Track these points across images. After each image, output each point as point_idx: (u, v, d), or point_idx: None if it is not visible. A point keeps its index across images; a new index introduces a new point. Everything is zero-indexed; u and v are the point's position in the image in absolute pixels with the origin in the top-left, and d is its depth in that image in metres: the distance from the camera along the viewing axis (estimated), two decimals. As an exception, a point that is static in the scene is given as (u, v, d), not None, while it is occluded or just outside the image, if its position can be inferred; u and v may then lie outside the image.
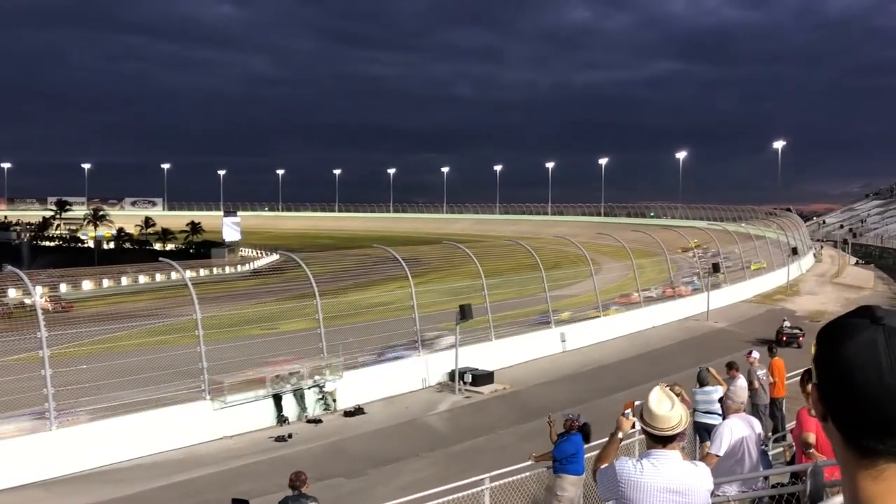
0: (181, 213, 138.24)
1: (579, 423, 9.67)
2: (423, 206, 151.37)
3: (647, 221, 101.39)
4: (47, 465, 13.18)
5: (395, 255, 21.06)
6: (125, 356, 20.26)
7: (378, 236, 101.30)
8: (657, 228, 46.46)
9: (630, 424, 4.58)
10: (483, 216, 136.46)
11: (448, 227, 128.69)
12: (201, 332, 15.65)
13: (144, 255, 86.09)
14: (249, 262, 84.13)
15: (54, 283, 37.17)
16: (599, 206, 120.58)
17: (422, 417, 17.12)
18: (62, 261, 76.66)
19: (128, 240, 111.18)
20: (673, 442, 3.86)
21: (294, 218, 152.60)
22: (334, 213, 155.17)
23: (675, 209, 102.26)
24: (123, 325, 29.30)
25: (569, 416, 9.79)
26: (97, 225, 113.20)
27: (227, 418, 15.56)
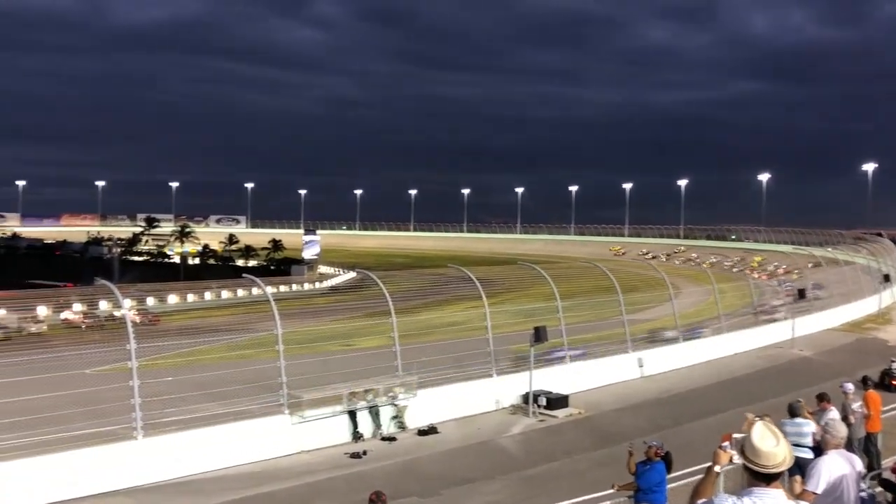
0: (263, 231, 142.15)
1: (662, 451, 9.42)
2: (497, 227, 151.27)
3: (729, 245, 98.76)
4: (133, 473, 13.63)
5: (469, 274, 21.09)
6: (208, 369, 20.89)
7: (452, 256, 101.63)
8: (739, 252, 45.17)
9: (728, 458, 4.41)
10: (557, 237, 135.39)
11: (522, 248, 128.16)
12: (281, 347, 15.97)
13: (228, 271, 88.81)
14: (327, 280, 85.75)
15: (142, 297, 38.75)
16: (678, 229, 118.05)
17: (495, 439, 17.01)
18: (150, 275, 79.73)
19: (212, 256, 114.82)
20: (777, 479, 3.73)
21: (370, 237, 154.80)
22: (409, 233, 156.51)
23: (757, 232, 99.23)
24: (206, 338, 30.32)
25: (652, 443, 9.54)
26: (183, 241, 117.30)
27: (305, 433, 15.80)
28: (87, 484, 13.05)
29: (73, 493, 12.87)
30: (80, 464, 13.17)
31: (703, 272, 30.21)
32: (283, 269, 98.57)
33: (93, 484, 13.11)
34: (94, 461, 13.37)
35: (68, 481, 12.92)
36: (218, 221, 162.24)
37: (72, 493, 12.85)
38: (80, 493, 12.93)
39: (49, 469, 12.90)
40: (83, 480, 13.05)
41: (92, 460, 13.34)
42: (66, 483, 12.88)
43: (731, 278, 33.98)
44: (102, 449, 13.66)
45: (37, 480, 12.70)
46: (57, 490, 12.75)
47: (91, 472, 13.24)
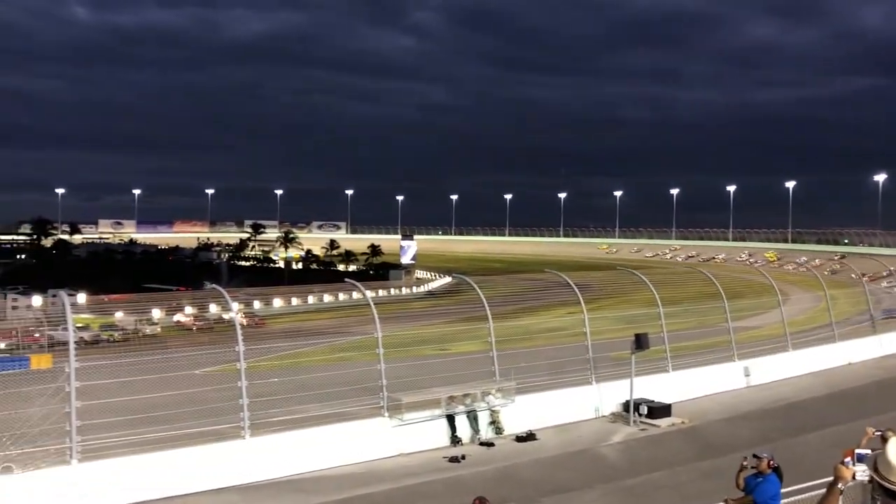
0: (362, 237, 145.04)
1: (774, 462, 9.01)
2: (595, 231, 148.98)
3: (841, 249, 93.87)
4: (240, 471, 14.12)
5: (567, 280, 20.84)
6: (310, 370, 21.44)
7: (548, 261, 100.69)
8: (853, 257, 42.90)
9: (851, 475, 4.15)
10: (658, 241, 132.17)
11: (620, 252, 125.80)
12: (381, 351, 16.22)
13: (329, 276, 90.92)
14: (424, 284, 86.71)
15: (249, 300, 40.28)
16: (786, 232, 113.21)
17: (595, 447, 16.73)
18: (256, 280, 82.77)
19: (314, 261, 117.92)
20: None
21: (466, 241, 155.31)
22: (504, 238, 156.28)
23: (872, 236, 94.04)
24: (309, 341, 31.15)
25: (763, 454, 9.14)
26: (287, 246, 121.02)
27: (404, 436, 15.99)
28: (197, 480, 13.60)
29: (185, 489, 13.44)
30: (192, 461, 13.74)
31: (814, 277, 28.77)
32: (381, 274, 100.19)
33: (203, 481, 13.64)
34: (205, 459, 13.92)
35: (180, 478, 13.50)
36: (319, 227, 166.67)
37: (183, 489, 13.42)
38: (191, 489, 13.48)
39: (162, 465, 13.51)
40: (194, 477, 13.61)
41: (202, 458, 13.90)
42: (179, 479, 13.46)
43: (844, 284, 32.24)
44: (212, 447, 14.22)
45: (151, 476, 13.33)
46: (170, 485, 13.34)
47: (201, 469, 13.78)
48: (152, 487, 13.17)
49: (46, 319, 37.74)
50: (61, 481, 12.57)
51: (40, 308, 45.37)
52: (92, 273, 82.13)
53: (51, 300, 45.39)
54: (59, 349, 33.46)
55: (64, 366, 13.39)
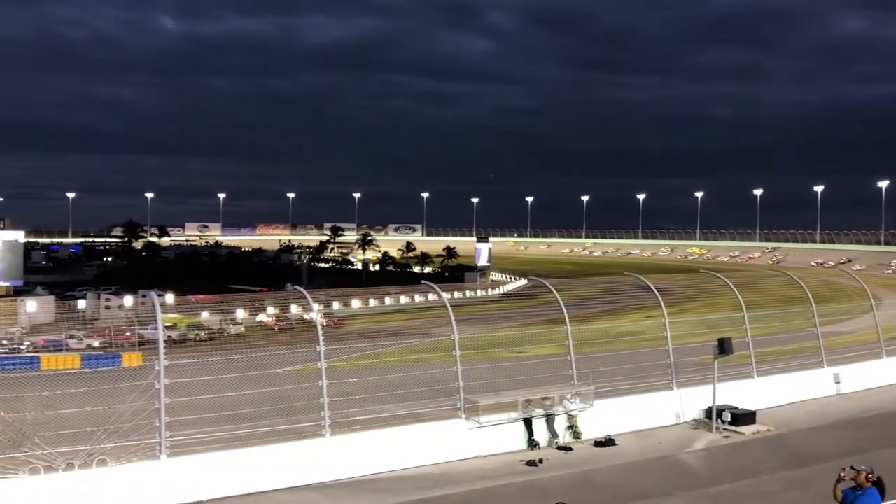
0: (438, 239, 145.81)
1: (873, 476, 8.61)
2: (675, 233, 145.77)
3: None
4: (320, 469, 14.37)
5: (646, 283, 20.43)
6: (387, 371, 21.66)
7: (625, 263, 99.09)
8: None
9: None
10: (741, 243, 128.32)
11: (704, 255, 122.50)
12: (458, 353, 16.25)
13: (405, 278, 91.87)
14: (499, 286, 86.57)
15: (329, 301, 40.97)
16: (879, 234, 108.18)
17: (676, 454, 16.35)
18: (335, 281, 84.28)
19: (391, 263, 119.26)
20: None
21: (541, 243, 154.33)
22: (581, 240, 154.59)
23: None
24: (387, 342, 31.52)
25: (861, 467, 8.75)
26: (365, 249, 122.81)
27: (481, 438, 15.98)
28: (279, 478, 13.90)
29: (267, 485, 13.76)
30: (274, 458, 14.05)
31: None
32: (456, 276, 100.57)
33: (285, 478, 13.94)
34: (287, 456, 14.22)
35: (263, 474, 13.83)
36: (396, 230, 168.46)
37: (266, 486, 13.74)
38: (273, 486, 13.80)
39: (246, 462, 13.86)
40: (276, 474, 13.92)
41: (284, 455, 14.21)
42: (261, 476, 13.79)
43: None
44: (294, 445, 14.52)
45: (235, 472, 13.69)
46: (253, 482, 13.68)
47: (283, 466, 14.09)
48: (236, 483, 13.54)
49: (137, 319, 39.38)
50: (151, 475, 13.05)
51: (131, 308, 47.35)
52: (179, 274, 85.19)
53: (141, 300, 47.33)
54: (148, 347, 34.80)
55: (154, 364, 13.88)
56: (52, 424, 13.84)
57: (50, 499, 12.19)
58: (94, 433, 13.07)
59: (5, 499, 11.97)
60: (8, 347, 41.35)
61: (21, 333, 44.57)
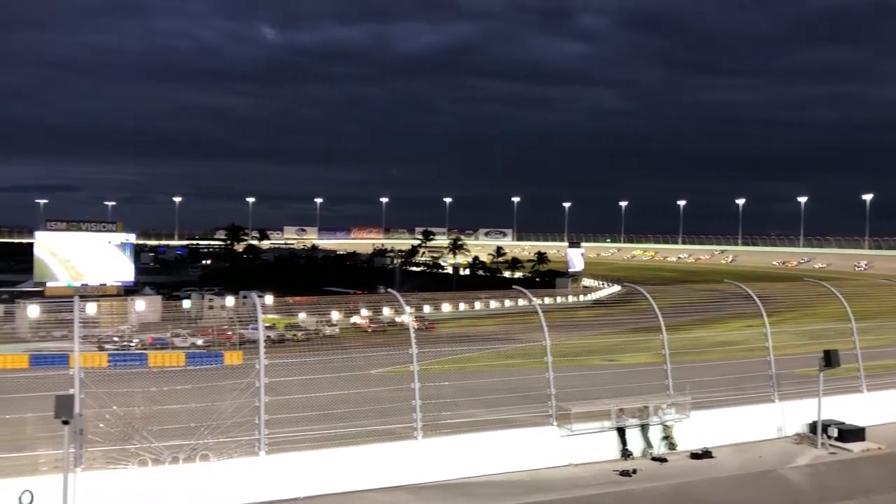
0: (528, 243, 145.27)
1: None
2: (776, 239, 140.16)
3: None
4: (412, 470, 14.52)
5: (747, 291, 19.73)
6: (477, 376, 21.66)
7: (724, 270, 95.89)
8: None
9: None
10: (849, 251, 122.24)
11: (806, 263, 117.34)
12: (550, 359, 16.13)
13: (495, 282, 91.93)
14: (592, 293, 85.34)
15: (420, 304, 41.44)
16: None
17: (778, 470, 15.70)
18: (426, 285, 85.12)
19: (481, 267, 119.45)
20: None
21: (636, 249, 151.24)
22: (677, 245, 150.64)
23: None
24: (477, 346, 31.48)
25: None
26: (456, 253, 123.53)
27: (573, 446, 15.79)
28: (372, 477, 14.14)
29: (361, 485, 14.01)
30: (367, 458, 14.30)
31: None
32: (547, 281, 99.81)
33: (378, 478, 14.17)
34: (380, 457, 14.45)
35: (356, 474, 14.09)
36: (486, 234, 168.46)
37: (359, 485, 13.99)
38: (366, 485, 14.03)
39: (341, 461, 14.15)
40: (369, 474, 14.16)
41: (377, 456, 14.43)
42: (355, 475, 14.05)
43: None
44: (387, 446, 14.73)
45: (330, 470, 14.00)
46: (347, 481, 13.96)
47: (376, 466, 14.31)
48: (331, 482, 13.84)
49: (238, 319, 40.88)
50: (250, 471, 13.50)
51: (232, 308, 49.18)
52: (278, 276, 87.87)
53: (242, 301, 49.12)
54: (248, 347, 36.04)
55: (254, 362, 14.37)
56: (159, 419, 14.50)
57: (156, 490, 12.79)
58: (197, 429, 13.63)
59: (116, 488, 12.63)
60: (119, 344, 43.72)
61: (131, 331, 47.04)
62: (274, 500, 13.32)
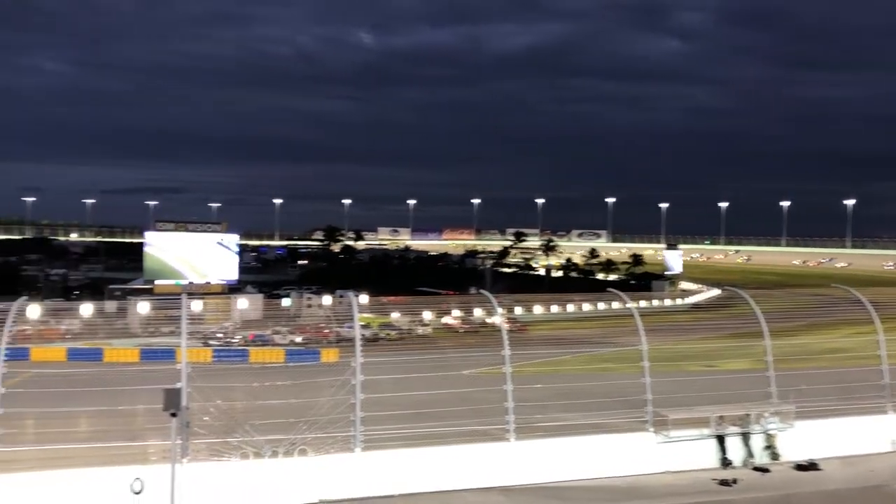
0: (623, 245, 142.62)
1: None
2: (889, 241, 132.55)
3: None
4: (504, 472, 14.48)
5: (858, 296, 18.76)
6: (570, 379, 21.44)
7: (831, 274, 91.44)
8: None
9: None
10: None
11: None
12: (647, 364, 15.80)
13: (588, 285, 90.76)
14: (689, 296, 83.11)
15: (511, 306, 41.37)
16: None
17: (892, 485, 14.86)
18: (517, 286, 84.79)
19: (574, 269, 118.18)
20: None
21: (736, 251, 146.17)
22: (780, 248, 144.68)
23: None
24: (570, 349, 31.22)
25: None
26: (548, 254, 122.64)
27: (670, 453, 15.40)
28: (464, 478, 14.17)
29: (453, 484, 14.07)
30: (460, 458, 14.36)
31: None
32: (643, 284, 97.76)
33: (470, 478, 14.19)
34: (472, 457, 14.48)
35: (449, 473, 14.16)
36: (580, 236, 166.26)
37: (451, 485, 14.05)
38: (458, 485, 14.09)
39: (434, 460, 14.26)
40: (462, 474, 14.20)
41: (470, 456, 14.47)
42: (447, 475, 14.13)
43: None
44: (479, 447, 14.75)
45: (423, 469, 14.12)
46: (439, 480, 14.04)
47: (469, 467, 14.35)
48: (423, 480, 13.97)
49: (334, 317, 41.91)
50: (346, 467, 13.79)
51: (329, 307, 50.38)
52: (372, 276, 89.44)
53: (338, 300, 50.25)
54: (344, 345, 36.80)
55: (349, 360, 14.67)
56: (260, 413, 14.99)
57: (257, 483, 13.24)
58: (296, 424, 14.03)
59: (220, 479, 13.15)
60: (223, 340, 45.51)
61: (234, 328, 48.92)
62: (369, 496, 13.56)
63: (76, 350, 41.16)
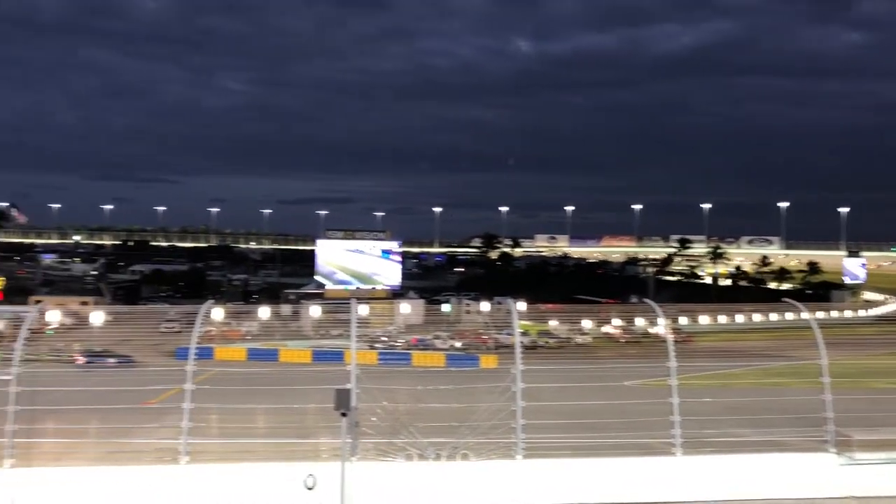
0: (798, 253, 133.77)
1: None
2: None
3: None
4: (669, 488, 13.97)
5: None
6: (741, 393, 20.42)
7: None
8: None
9: None
10: None
11: None
12: (827, 379, 14.77)
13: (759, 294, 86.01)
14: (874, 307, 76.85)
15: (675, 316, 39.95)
16: None
17: None
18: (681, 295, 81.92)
19: (743, 277, 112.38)
20: None
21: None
22: None
23: None
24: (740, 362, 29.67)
25: None
26: (715, 262, 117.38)
27: (854, 477, 14.27)
28: (627, 491, 13.84)
29: (614, 497, 13.78)
30: (623, 471, 14.03)
31: None
32: (820, 294, 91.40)
33: (633, 492, 13.84)
34: (635, 471, 14.11)
35: (611, 486, 13.88)
36: (749, 242, 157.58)
37: (613, 498, 13.77)
38: (620, 498, 13.78)
39: (595, 472, 14.02)
40: (624, 487, 13.88)
41: (633, 470, 14.11)
42: (609, 487, 13.86)
43: None
44: (643, 460, 14.35)
45: (584, 480, 13.91)
46: (600, 492, 13.78)
47: (632, 481, 13.99)
48: (585, 491, 13.76)
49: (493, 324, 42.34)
50: (508, 473, 13.85)
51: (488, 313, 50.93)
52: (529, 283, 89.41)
53: (496, 306, 50.69)
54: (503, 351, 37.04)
55: (509, 367, 14.74)
56: (423, 416, 15.39)
57: (420, 484, 13.59)
58: (458, 428, 14.27)
59: (386, 479, 13.62)
60: (387, 344, 47.21)
61: (397, 332, 50.63)
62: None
63: (255, 350, 44.13)
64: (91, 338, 34.97)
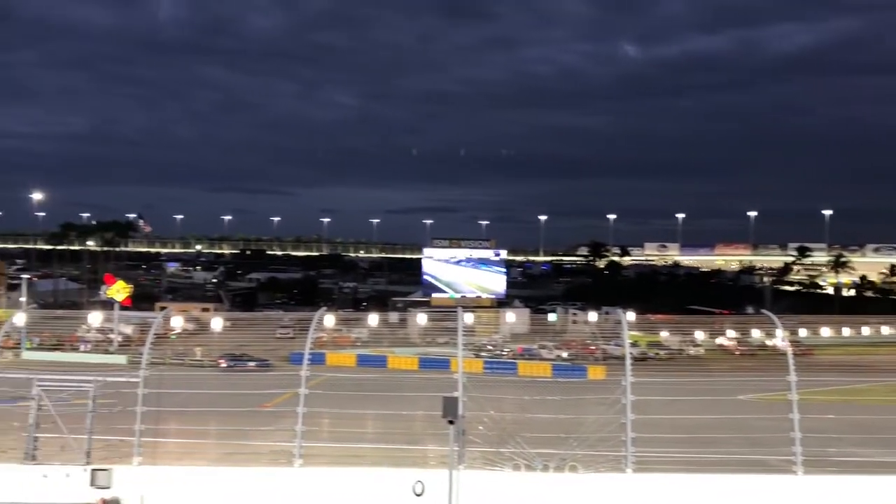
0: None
1: None
2: None
3: None
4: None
5: None
6: (868, 410, 19.29)
7: None
8: None
9: None
10: None
11: None
12: (964, 399, 13.78)
13: (888, 306, 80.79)
14: None
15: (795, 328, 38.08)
16: None
17: None
18: (801, 306, 77.86)
19: (869, 288, 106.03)
20: None
21: None
22: None
23: None
24: (867, 378, 28.03)
25: None
26: (838, 271, 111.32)
27: None
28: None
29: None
30: (738, 488, 13.57)
31: None
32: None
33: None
34: (752, 489, 13.61)
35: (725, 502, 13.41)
36: (876, 250, 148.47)
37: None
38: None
39: (709, 488, 13.59)
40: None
41: (749, 487, 13.62)
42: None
43: None
44: (760, 478, 13.83)
45: (696, 497, 13.51)
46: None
47: (747, 498, 13.50)
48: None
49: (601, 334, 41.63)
50: (617, 487, 13.62)
51: (595, 323, 50.07)
52: (639, 292, 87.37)
53: (604, 316, 49.79)
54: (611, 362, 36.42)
55: (618, 379, 14.49)
56: (530, 426, 15.32)
57: (528, 495, 13.54)
58: (566, 440, 14.14)
59: (493, 488, 13.64)
60: (492, 352, 47.25)
61: (503, 341, 50.56)
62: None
63: (364, 356, 45.07)
64: (210, 342, 36.65)
